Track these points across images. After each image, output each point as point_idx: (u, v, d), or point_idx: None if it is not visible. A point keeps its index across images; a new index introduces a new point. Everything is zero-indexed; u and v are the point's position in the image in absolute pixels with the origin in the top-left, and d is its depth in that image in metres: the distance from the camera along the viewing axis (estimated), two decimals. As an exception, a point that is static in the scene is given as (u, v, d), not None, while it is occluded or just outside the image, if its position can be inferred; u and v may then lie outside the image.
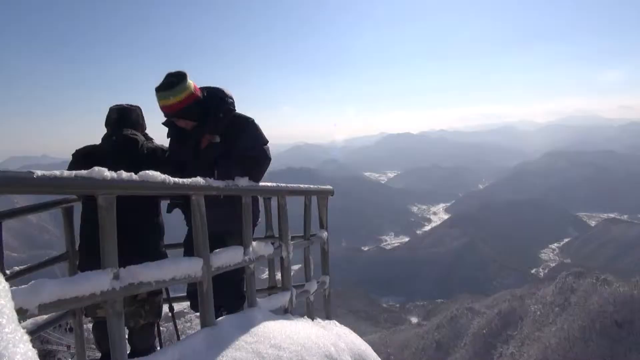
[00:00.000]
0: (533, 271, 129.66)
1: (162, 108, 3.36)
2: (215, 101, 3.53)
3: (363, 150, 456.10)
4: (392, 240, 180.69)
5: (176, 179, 2.41)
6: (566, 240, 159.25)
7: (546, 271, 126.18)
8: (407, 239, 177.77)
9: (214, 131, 3.46)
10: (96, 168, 1.96)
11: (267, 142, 3.67)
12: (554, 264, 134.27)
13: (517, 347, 45.19)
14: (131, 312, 3.09)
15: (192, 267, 2.63)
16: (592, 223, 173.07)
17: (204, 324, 2.80)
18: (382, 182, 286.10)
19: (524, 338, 45.78)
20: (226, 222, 3.37)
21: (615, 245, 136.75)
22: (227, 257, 3.04)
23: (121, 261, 2.20)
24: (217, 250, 3.00)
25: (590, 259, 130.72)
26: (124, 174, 2.09)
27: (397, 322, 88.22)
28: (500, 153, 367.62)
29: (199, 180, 2.66)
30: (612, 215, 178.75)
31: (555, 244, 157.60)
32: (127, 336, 3.16)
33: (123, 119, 3.37)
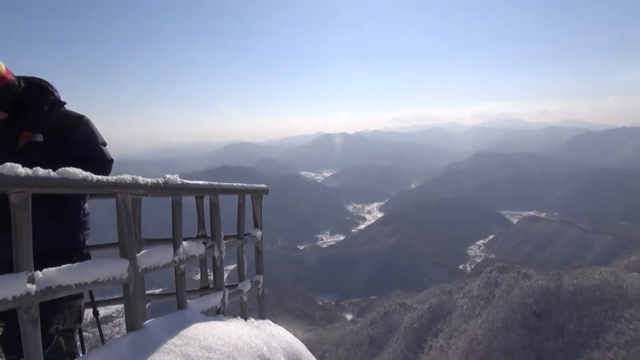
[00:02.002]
0: (461, 267, 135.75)
1: None
2: (37, 92, 2.83)
3: (299, 150, 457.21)
4: (328, 239, 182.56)
5: (99, 177, 2.28)
6: (491, 237, 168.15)
7: (473, 267, 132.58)
8: (342, 238, 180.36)
9: (35, 127, 2.75)
10: (8, 164, 1.80)
11: (105, 143, 3.04)
12: (479, 260, 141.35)
13: (446, 339, 47.20)
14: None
15: (117, 269, 2.49)
16: (514, 220, 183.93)
17: (130, 328, 2.67)
18: (319, 181, 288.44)
19: (452, 331, 47.91)
20: (50, 238, 2.73)
21: (535, 241, 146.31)
22: (156, 258, 2.91)
23: (37, 264, 2.04)
24: (145, 250, 2.88)
25: (512, 254, 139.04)
26: (41, 171, 1.94)
27: (332, 319, 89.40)
28: (431, 153, 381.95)
29: (126, 177, 2.53)
30: (531, 213, 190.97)
31: (481, 241, 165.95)
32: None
33: None
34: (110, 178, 2.43)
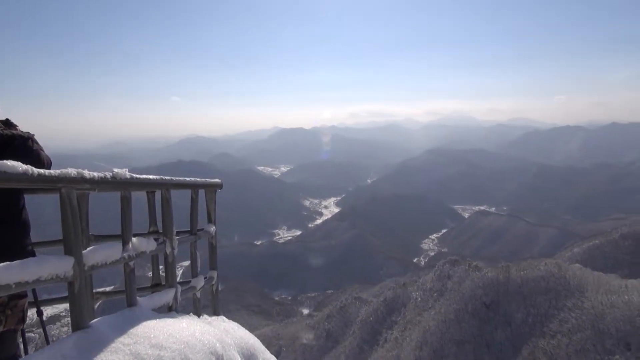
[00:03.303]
0: (415, 260, 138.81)
1: None
2: None
3: (256, 144, 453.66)
4: (284, 234, 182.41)
5: (41, 170, 2.18)
6: (444, 231, 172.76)
7: (426, 260, 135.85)
8: (299, 233, 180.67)
9: None
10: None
11: None
12: (433, 253, 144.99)
13: (400, 331, 48.24)
14: None
15: (61, 267, 2.39)
16: (466, 215, 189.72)
17: (75, 327, 2.57)
18: (276, 176, 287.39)
19: (407, 323, 49.01)
20: None
21: (485, 235, 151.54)
22: (104, 255, 2.82)
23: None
24: (92, 246, 2.78)
25: (464, 248, 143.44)
26: (-25, 164, 1.84)
27: (289, 314, 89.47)
28: (387, 149, 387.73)
29: (70, 171, 2.43)
30: (482, 207, 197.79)
31: (435, 235, 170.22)
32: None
33: None
34: (54, 172, 2.33)
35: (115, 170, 2.95)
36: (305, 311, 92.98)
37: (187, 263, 5.22)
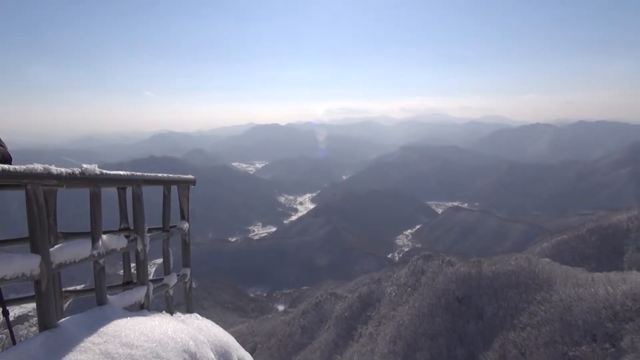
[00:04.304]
0: (389, 256, 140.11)
1: None
2: None
3: (231, 140, 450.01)
4: (259, 231, 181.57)
5: (5, 166, 2.11)
6: (418, 226, 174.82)
7: (401, 255, 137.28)
8: (274, 229, 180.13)
9: None
10: None
11: None
12: (407, 249, 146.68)
13: (375, 326, 48.70)
14: None
15: (27, 265, 2.32)
16: (439, 211, 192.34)
17: (43, 327, 2.51)
18: (250, 172, 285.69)
19: (381, 318, 49.50)
20: None
21: (458, 230, 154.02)
22: (72, 253, 2.75)
23: None
24: (60, 244, 2.70)
25: (437, 243, 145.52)
26: None
27: (264, 311, 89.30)
28: (362, 146, 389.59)
29: (36, 166, 2.36)
30: (455, 203, 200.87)
31: (409, 230, 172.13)
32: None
33: None
34: (19, 167, 2.26)
35: (85, 166, 2.87)
36: (281, 307, 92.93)
37: (160, 260, 5.16)
